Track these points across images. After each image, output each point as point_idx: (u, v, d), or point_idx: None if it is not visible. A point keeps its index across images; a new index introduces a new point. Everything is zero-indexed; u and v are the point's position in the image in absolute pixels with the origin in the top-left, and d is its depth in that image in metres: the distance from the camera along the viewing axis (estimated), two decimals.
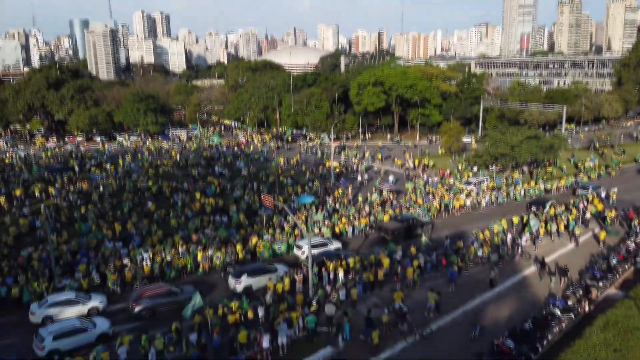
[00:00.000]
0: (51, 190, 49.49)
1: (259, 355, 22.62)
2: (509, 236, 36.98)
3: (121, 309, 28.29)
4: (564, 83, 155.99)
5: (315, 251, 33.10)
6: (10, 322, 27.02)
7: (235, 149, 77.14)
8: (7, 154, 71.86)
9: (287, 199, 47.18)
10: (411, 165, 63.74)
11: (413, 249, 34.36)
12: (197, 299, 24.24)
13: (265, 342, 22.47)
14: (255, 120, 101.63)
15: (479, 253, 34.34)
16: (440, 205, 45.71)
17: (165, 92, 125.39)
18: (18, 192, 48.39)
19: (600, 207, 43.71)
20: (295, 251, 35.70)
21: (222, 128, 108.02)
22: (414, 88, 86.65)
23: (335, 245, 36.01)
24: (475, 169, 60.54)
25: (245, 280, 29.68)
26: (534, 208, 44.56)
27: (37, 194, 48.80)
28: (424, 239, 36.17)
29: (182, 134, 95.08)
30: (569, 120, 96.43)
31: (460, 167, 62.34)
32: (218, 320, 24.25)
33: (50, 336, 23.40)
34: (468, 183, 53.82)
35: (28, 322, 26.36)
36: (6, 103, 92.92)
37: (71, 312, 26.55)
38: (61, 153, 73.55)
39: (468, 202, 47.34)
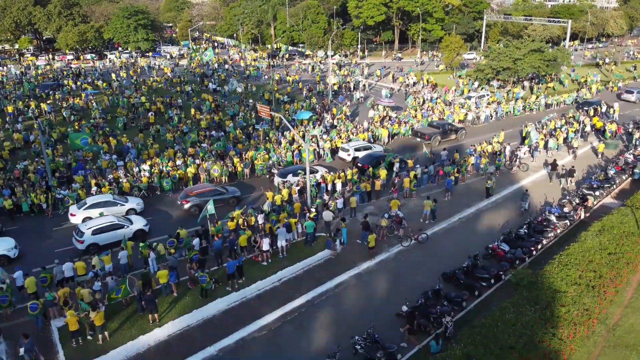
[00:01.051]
0: (44, 106, 48.53)
1: (260, 257, 23.11)
2: (507, 148, 36.80)
3: None
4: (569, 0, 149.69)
5: (360, 154, 35.52)
6: (25, 230, 27.41)
7: (228, 66, 74.95)
8: None
9: (284, 115, 46.42)
10: (411, 81, 62.35)
11: (410, 162, 34.29)
12: (209, 206, 24.61)
13: (265, 245, 22.88)
14: (249, 36, 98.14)
15: (475, 163, 34.34)
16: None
17: (155, 9, 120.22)
18: (10, 109, 47.45)
19: (599, 124, 43.19)
20: (341, 154, 37.05)
21: (215, 45, 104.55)
22: (416, 0, 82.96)
23: (378, 147, 37.63)
24: (476, 84, 59.30)
25: (291, 179, 31.29)
26: (586, 108, 47.02)
27: (30, 109, 47.87)
28: (424, 150, 35.97)
29: (174, 50, 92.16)
30: (574, 37, 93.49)
31: (461, 83, 61.04)
32: (220, 227, 24.48)
33: (89, 231, 24.48)
34: (468, 98, 52.95)
35: (37, 229, 27.11)
36: None
37: (110, 213, 27.05)
38: (52, 70, 71.51)
39: (469, 117, 46.74)
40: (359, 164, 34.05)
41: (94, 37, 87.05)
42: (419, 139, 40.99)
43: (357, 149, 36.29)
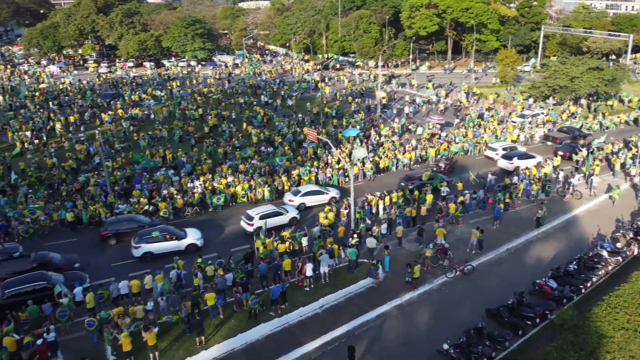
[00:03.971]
0: (105, 116, 51.16)
1: (303, 282, 23.63)
2: (561, 174, 35.73)
3: None
4: (632, 8, 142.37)
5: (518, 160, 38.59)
6: (84, 241, 29.08)
7: (279, 77, 76.25)
8: (62, 80, 74.11)
9: (331, 132, 46.76)
10: (463, 95, 61.40)
11: (459, 185, 33.91)
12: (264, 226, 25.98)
13: (309, 271, 23.38)
14: (301, 46, 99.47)
15: (528, 190, 33.56)
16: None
17: (212, 17, 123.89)
18: (72, 119, 50.35)
19: None
20: (488, 152, 41.14)
21: (267, 54, 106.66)
22: (471, 11, 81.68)
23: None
24: (530, 100, 57.73)
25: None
26: None
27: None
28: (471, 176, 35.41)
29: (229, 60, 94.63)
30: (635, 49, 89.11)
31: (515, 99, 59.57)
32: (267, 252, 25.18)
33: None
34: (522, 116, 51.61)
35: (95, 242, 28.75)
36: (58, 28, 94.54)
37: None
38: (112, 79, 75.10)
39: (522, 137, 45.61)
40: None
41: (153, 45, 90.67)
42: (549, 143, 43.61)
43: (505, 150, 40.12)
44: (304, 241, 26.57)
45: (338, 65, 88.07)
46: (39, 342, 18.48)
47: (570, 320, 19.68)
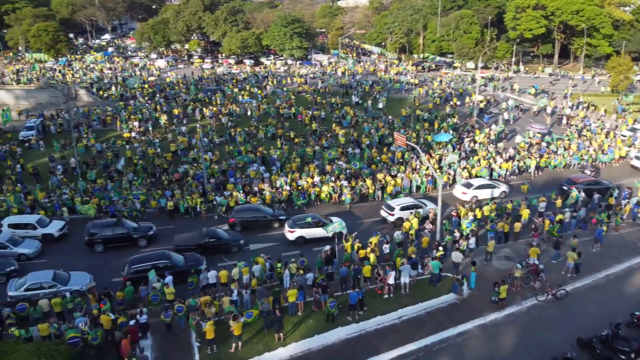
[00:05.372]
0: (206, 111, 54.00)
1: (383, 290, 23.42)
2: None
3: None
4: None
5: None
6: (180, 228, 30.94)
7: (372, 77, 75.92)
8: (169, 73, 79.25)
9: (420, 136, 45.76)
10: (568, 104, 57.38)
11: (558, 202, 31.78)
12: (338, 224, 26.55)
13: (390, 279, 23.13)
14: (397, 45, 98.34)
15: (635, 212, 30.68)
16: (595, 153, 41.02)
17: (311, 15, 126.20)
18: (176, 112, 53.72)
19: None
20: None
21: (362, 53, 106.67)
22: (582, 14, 75.99)
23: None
24: None
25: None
26: None
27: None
28: (574, 192, 33.05)
29: (324, 59, 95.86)
30: None
31: (625, 110, 54.65)
32: (348, 256, 25.29)
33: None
34: (633, 129, 47.20)
35: (190, 230, 30.25)
36: (167, 23, 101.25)
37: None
38: (215, 74, 78.98)
39: (631, 153, 41.76)
40: None
41: (254, 43, 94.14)
42: None
43: None
44: (385, 248, 26.29)
45: (434, 66, 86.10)
46: (131, 322, 19.98)
47: None
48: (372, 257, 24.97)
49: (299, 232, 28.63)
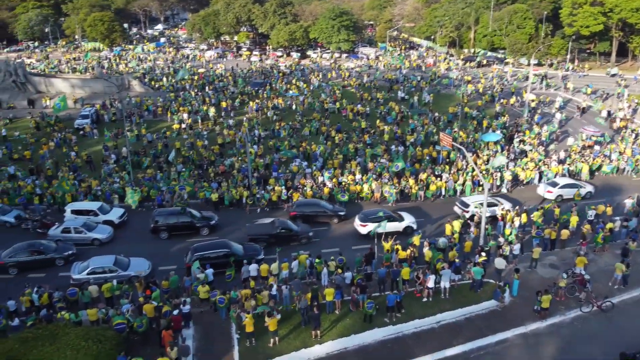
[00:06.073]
0: (252, 104, 54.75)
1: (422, 293, 23.28)
2: None
3: None
4: None
5: None
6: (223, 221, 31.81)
7: (420, 71, 74.63)
8: (218, 66, 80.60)
9: (468, 135, 44.77)
10: (625, 105, 54.65)
11: (609, 209, 30.52)
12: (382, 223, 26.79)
13: (430, 283, 22.95)
14: (447, 39, 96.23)
15: None
16: None
17: (359, 7, 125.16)
18: (224, 104, 54.73)
19: None
20: None
21: (410, 46, 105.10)
22: None
23: None
24: None
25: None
26: None
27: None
28: (629, 201, 31.56)
29: (371, 52, 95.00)
30: None
31: None
32: (389, 256, 25.26)
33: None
34: None
35: (233, 222, 31.30)
36: (218, 15, 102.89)
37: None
38: (263, 67, 79.73)
39: None
40: None
41: (301, 36, 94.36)
42: None
43: None
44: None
45: (485, 61, 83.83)
46: (175, 312, 20.73)
47: None
48: (402, 253, 25.16)
49: (371, 226, 28.48)
